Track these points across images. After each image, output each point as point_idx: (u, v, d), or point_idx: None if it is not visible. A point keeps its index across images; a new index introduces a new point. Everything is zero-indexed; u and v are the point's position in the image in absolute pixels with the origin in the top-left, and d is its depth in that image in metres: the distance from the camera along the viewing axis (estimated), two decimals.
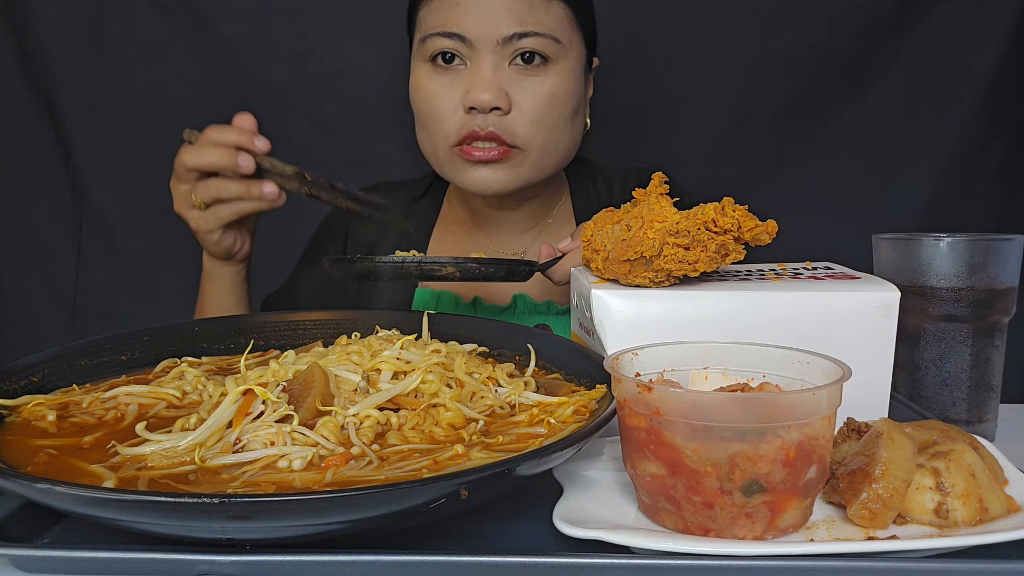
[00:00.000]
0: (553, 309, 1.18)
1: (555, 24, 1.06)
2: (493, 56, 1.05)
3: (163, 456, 0.59)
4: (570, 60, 1.09)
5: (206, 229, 1.00)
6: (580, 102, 1.14)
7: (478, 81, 1.04)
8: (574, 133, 1.14)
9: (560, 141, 1.11)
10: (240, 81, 1.63)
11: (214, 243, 1.02)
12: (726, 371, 0.64)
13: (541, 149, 1.09)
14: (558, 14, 1.07)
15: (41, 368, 0.75)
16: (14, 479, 0.52)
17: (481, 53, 1.05)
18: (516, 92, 1.06)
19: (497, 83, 1.04)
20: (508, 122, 1.06)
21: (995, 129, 1.60)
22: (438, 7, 1.07)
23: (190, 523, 0.49)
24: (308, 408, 0.63)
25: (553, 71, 1.07)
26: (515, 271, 0.94)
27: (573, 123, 1.13)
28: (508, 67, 1.06)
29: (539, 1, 1.05)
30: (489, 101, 1.04)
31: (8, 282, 1.69)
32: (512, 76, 1.06)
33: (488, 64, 1.05)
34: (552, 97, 1.07)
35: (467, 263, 0.91)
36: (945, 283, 0.85)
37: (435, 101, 1.08)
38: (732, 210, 0.72)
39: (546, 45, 1.05)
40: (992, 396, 0.88)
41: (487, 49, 1.04)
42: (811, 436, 0.55)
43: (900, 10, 1.58)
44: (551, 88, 1.07)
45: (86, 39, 1.61)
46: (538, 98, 1.06)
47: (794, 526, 0.57)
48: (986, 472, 0.59)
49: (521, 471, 0.53)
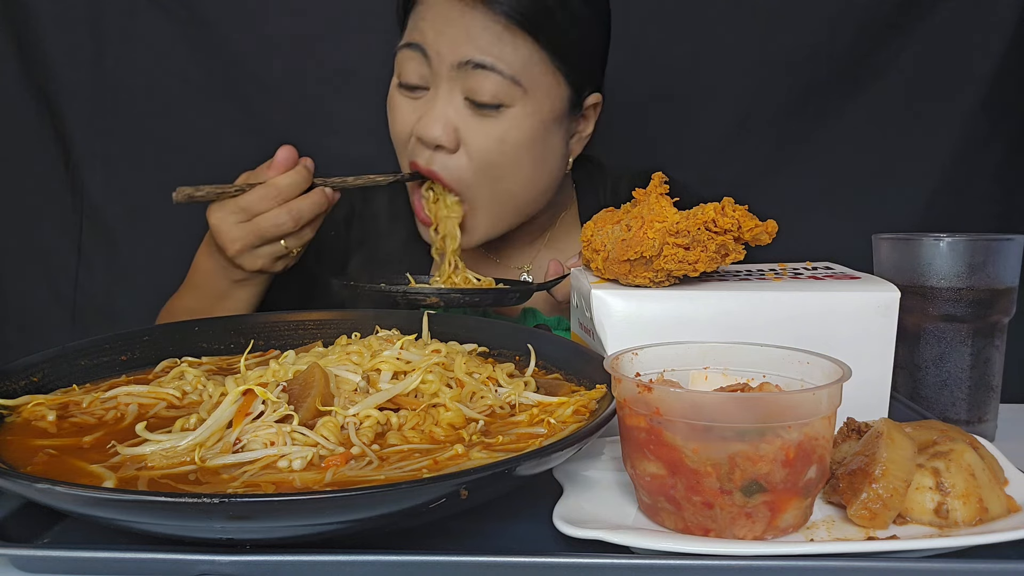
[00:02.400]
0: (563, 324, 1.14)
1: (518, 63, 0.99)
2: (449, 83, 1.00)
3: (163, 456, 0.59)
4: (534, 104, 1.01)
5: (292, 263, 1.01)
6: (548, 147, 1.06)
7: (429, 112, 1.01)
8: (539, 181, 1.08)
9: (513, 191, 1.06)
10: (240, 81, 1.63)
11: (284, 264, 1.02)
12: (726, 371, 0.64)
13: (490, 200, 1.05)
14: (525, 53, 0.99)
15: (41, 368, 0.75)
16: (14, 479, 0.52)
17: (439, 77, 1.01)
18: (466, 131, 1.02)
19: (446, 118, 1.01)
20: (453, 163, 1.03)
21: (995, 129, 1.61)
22: (415, 17, 1.04)
23: (190, 523, 0.49)
24: (308, 408, 0.63)
25: (508, 115, 1.01)
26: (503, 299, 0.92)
27: (535, 170, 1.06)
28: (463, 101, 1.01)
29: (507, 34, 0.98)
30: (436, 137, 1.01)
31: (8, 282, 1.69)
32: (466, 112, 1.01)
33: (443, 92, 1.01)
34: (501, 143, 1.01)
35: (450, 293, 0.90)
36: (945, 283, 0.85)
37: (397, 118, 1.07)
38: (732, 210, 0.72)
39: (499, 85, 0.98)
40: (992, 396, 0.88)
41: (444, 72, 1.00)
42: (811, 436, 0.55)
43: (900, 10, 1.58)
44: (501, 133, 1.01)
45: (86, 39, 1.61)
46: (486, 142, 1.01)
47: (794, 526, 0.57)
48: (986, 472, 0.59)
49: (521, 471, 0.53)
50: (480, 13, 0.97)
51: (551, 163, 1.09)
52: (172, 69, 1.62)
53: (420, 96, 1.04)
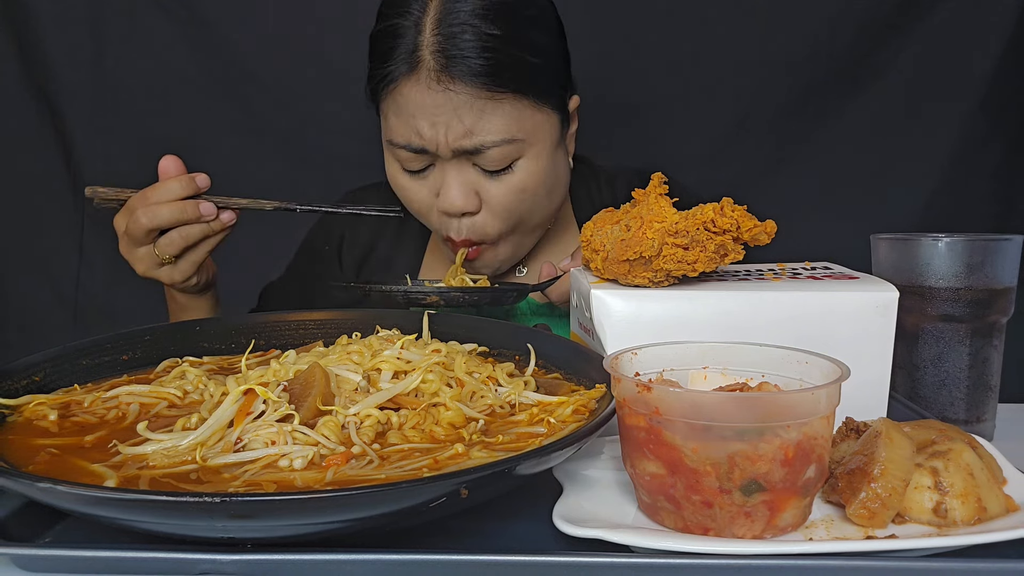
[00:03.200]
0: (557, 311, 1.17)
1: (512, 123, 1.00)
2: (456, 163, 1.02)
3: (164, 455, 0.59)
4: (537, 146, 1.03)
5: (182, 279, 1.01)
6: (558, 170, 1.09)
7: (446, 189, 1.02)
8: (553, 203, 1.11)
9: (534, 220, 1.10)
10: (240, 81, 1.63)
11: (193, 286, 1.03)
12: (725, 371, 0.64)
13: (515, 233, 1.09)
14: (514, 109, 0.99)
15: (43, 367, 0.75)
16: (16, 478, 0.52)
17: (443, 159, 1.02)
18: (485, 190, 1.03)
19: (465, 188, 1.02)
20: (479, 223, 1.05)
21: (994, 129, 1.61)
22: (396, 111, 1.02)
23: (191, 522, 0.50)
24: (309, 407, 0.63)
25: (520, 167, 1.03)
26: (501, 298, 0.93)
27: (550, 197, 1.09)
28: (473, 168, 1.02)
29: (491, 104, 0.98)
30: (460, 208, 1.02)
31: (10, 282, 1.69)
32: (479, 176, 1.03)
33: (453, 170, 1.02)
34: (522, 193, 1.04)
35: (451, 292, 0.92)
36: (943, 283, 0.85)
37: (411, 198, 1.07)
38: (731, 210, 0.72)
39: (504, 152, 1.00)
40: (990, 396, 0.88)
41: (448, 156, 1.01)
42: (810, 436, 0.55)
43: (900, 10, 1.58)
44: (520, 184, 1.03)
45: (86, 39, 1.62)
46: (507, 196, 1.03)
47: (793, 525, 0.57)
48: (984, 471, 0.59)
49: (521, 470, 0.53)
50: (462, 92, 0.97)
51: (562, 180, 1.12)
52: (172, 69, 1.63)
53: (428, 174, 1.05)
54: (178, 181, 0.96)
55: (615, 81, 1.63)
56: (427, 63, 0.97)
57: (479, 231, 1.05)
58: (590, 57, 1.38)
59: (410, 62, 0.98)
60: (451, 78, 0.96)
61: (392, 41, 1.00)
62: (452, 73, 0.96)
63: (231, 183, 1.08)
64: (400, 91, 1.00)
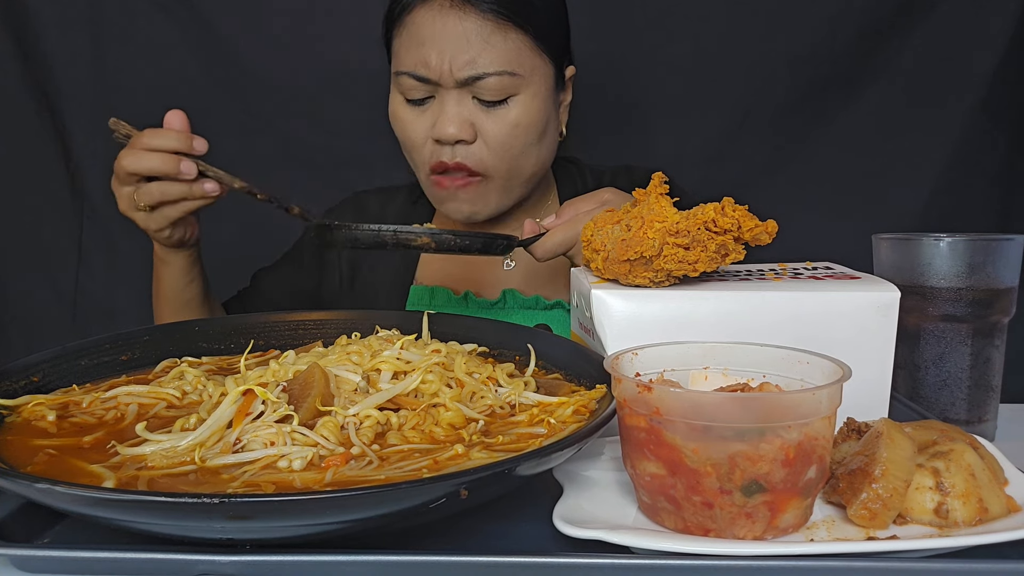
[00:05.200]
0: (541, 303, 1.20)
1: (513, 56, 1.08)
2: (457, 91, 1.09)
3: (163, 456, 0.59)
4: (533, 86, 1.11)
5: (155, 228, 1.03)
6: (549, 121, 1.16)
7: (443, 117, 1.09)
8: (542, 153, 1.17)
9: (525, 166, 1.15)
10: (240, 81, 1.63)
11: (165, 238, 1.05)
12: (726, 371, 0.64)
13: (505, 175, 1.14)
14: (516, 44, 1.08)
15: (41, 368, 0.75)
16: (14, 479, 0.52)
17: (445, 88, 1.09)
18: (481, 123, 1.10)
19: (461, 117, 1.09)
20: (474, 151, 1.11)
21: (995, 129, 1.60)
22: (407, 42, 1.10)
23: (190, 523, 0.49)
24: (308, 408, 0.63)
25: (516, 102, 1.10)
26: (492, 244, 0.96)
27: (541, 144, 1.15)
28: (472, 100, 1.09)
29: (497, 33, 1.07)
30: (453, 135, 1.09)
31: (9, 282, 1.69)
32: (476, 108, 1.10)
33: (452, 100, 1.09)
34: (516, 128, 1.10)
35: (442, 234, 0.93)
36: (945, 283, 0.85)
37: (408, 131, 1.14)
38: (732, 210, 0.72)
39: (503, 83, 1.08)
40: (992, 396, 0.88)
41: (450, 85, 1.08)
42: (811, 436, 0.55)
43: (900, 10, 1.58)
44: (515, 119, 1.10)
45: (86, 39, 1.61)
46: (502, 129, 1.10)
47: (794, 526, 0.57)
48: (986, 472, 0.59)
49: (521, 471, 0.53)
50: (471, 19, 1.06)
51: (551, 136, 1.19)
52: (172, 69, 1.62)
53: (427, 106, 1.12)
54: (176, 135, 0.97)
55: (615, 81, 1.63)
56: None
57: (473, 157, 1.11)
58: (590, 57, 1.38)
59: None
60: (463, 3, 1.06)
61: None
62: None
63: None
64: (414, 19, 1.09)
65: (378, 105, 1.45)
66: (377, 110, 1.46)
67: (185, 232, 1.07)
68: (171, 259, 1.11)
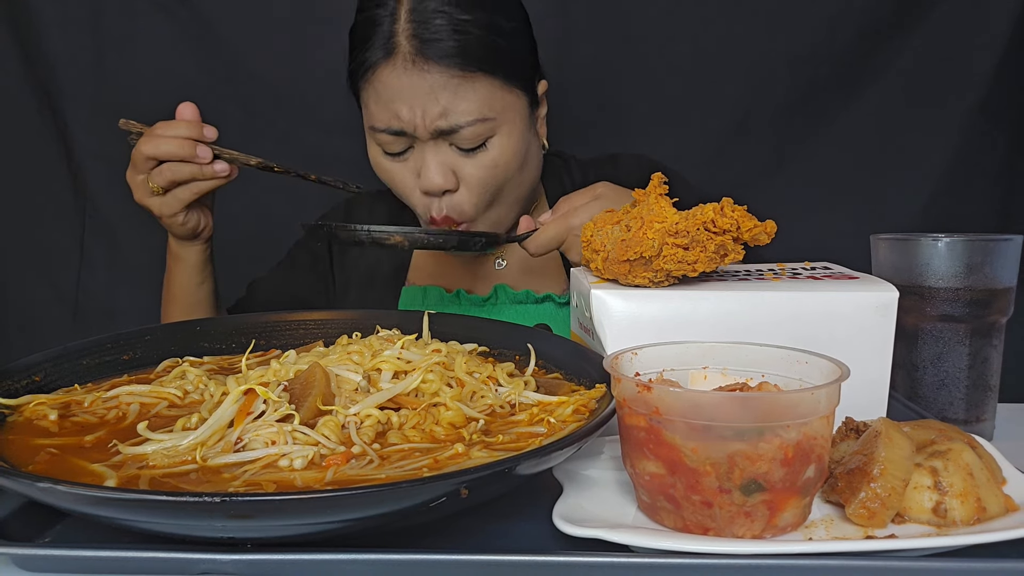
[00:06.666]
0: (531, 297, 1.20)
1: (484, 103, 1.06)
2: (433, 143, 1.08)
3: (164, 455, 0.59)
4: (508, 124, 1.09)
5: (169, 213, 1.05)
6: (530, 148, 1.14)
7: (426, 169, 1.08)
8: (525, 179, 1.16)
9: (510, 195, 1.15)
10: (240, 81, 1.63)
11: (179, 225, 1.07)
12: (725, 371, 0.64)
13: (492, 208, 1.14)
14: (486, 91, 1.06)
15: (43, 367, 0.75)
16: (16, 478, 0.52)
17: (422, 141, 1.07)
18: (461, 168, 1.09)
19: (444, 167, 1.08)
20: (457, 200, 1.10)
21: (995, 129, 1.60)
22: (376, 97, 1.07)
23: (191, 522, 0.50)
24: (309, 407, 0.64)
25: (493, 144, 1.09)
26: (468, 243, 0.97)
27: (523, 172, 1.14)
28: (450, 147, 1.08)
29: (464, 84, 1.04)
30: (439, 186, 1.08)
31: (10, 282, 1.69)
32: (455, 155, 1.09)
33: (431, 150, 1.08)
34: (495, 168, 1.09)
35: (415, 234, 0.95)
36: (943, 283, 0.85)
37: (396, 181, 1.13)
38: (731, 210, 0.72)
39: (478, 130, 1.06)
40: (990, 396, 0.88)
41: (425, 137, 1.07)
42: (810, 435, 0.55)
43: (900, 10, 1.58)
44: (493, 160, 1.09)
45: (87, 39, 1.61)
46: (483, 172, 1.09)
47: (793, 525, 0.57)
48: (984, 471, 0.59)
49: (521, 470, 0.53)
50: (435, 74, 1.03)
51: (534, 159, 1.18)
52: (172, 69, 1.62)
53: (407, 156, 1.11)
54: (187, 123, 1.03)
55: (615, 82, 1.63)
56: (403, 48, 1.03)
57: (457, 208, 1.11)
58: (590, 59, 1.38)
59: (387, 48, 1.04)
60: (425, 59, 1.03)
61: (370, 30, 1.06)
62: (427, 54, 1.03)
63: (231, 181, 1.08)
64: (379, 77, 1.06)
65: None
66: None
67: (199, 221, 1.08)
68: (185, 254, 1.12)
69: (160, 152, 1.01)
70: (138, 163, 1.03)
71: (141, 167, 1.03)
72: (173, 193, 1.03)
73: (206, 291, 1.16)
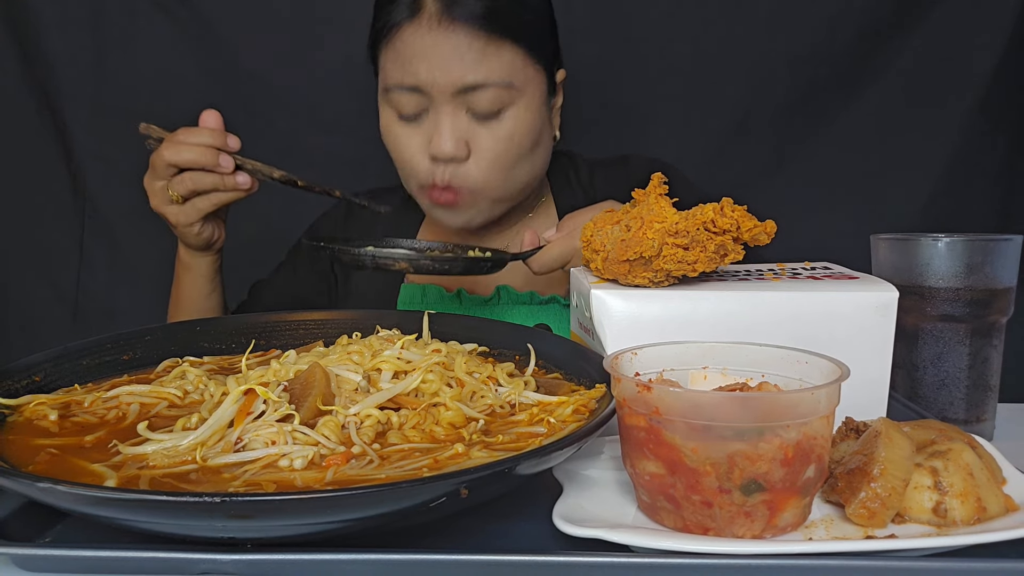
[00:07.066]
0: (536, 299, 1.20)
1: (507, 69, 1.06)
2: (450, 105, 1.06)
3: (164, 455, 0.59)
4: (527, 97, 1.09)
5: (186, 222, 1.04)
6: (543, 130, 1.14)
7: (438, 134, 1.07)
8: (536, 162, 1.15)
9: (519, 176, 1.13)
10: (240, 81, 1.63)
11: (194, 235, 1.06)
12: (725, 371, 0.64)
13: (498, 186, 1.12)
14: (510, 57, 1.06)
15: (43, 367, 0.75)
16: (16, 478, 0.52)
17: (439, 103, 1.06)
18: (475, 139, 1.08)
19: (456, 135, 1.06)
20: (464, 170, 1.09)
21: (995, 129, 1.60)
22: (395, 56, 1.07)
23: (191, 522, 0.50)
24: (309, 407, 0.64)
25: (510, 115, 1.08)
26: (475, 267, 0.96)
27: (534, 154, 1.14)
28: (466, 114, 1.07)
29: (490, 47, 1.04)
30: (449, 153, 1.07)
31: (10, 282, 1.69)
32: (470, 123, 1.07)
33: (446, 115, 1.06)
34: (510, 141, 1.08)
35: (420, 260, 0.94)
36: (943, 283, 0.85)
37: (402, 148, 1.11)
38: (731, 210, 0.72)
39: (499, 94, 1.06)
40: (990, 396, 0.88)
41: (444, 99, 1.05)
42: (810, 435, 0.55)
43: (900, 10, 1.58)
44: (509, 132, 1.08)
45: (87, 39, 1.61)
46: (497, 143, 1.08)
47: (793, 525, 0.57)
48: (984, 471, 0.59)
49: (521, 470, 0.53)
50: (462, 34, 1.03)
51: (545, 143, 1.17)
52: (172, 69, 1.62)
53: (421, 121, 1.09)
54: (210, 131, 1.01)
55: (615, 82, 1.63)
56: (429, 8, 1.04)
57: (463, 177, 1.09)
58: (591, 58, 1.38)
59: (412, 8, 1.05)
60: (452, 20, 1.03)
61: None
62: (453, 15, 1.03)
63: None
64: (401, 37, 1.06)
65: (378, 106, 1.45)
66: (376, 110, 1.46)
67: (213, 232, 1.08)
68: (195, 264, 1.11)
69: (182, 159, 0.99)
70: (158, 169, 1.01)
71: (161, 173, 1.01)
72: (192, 203, 1.02)
73: (215, 301, 1.16)
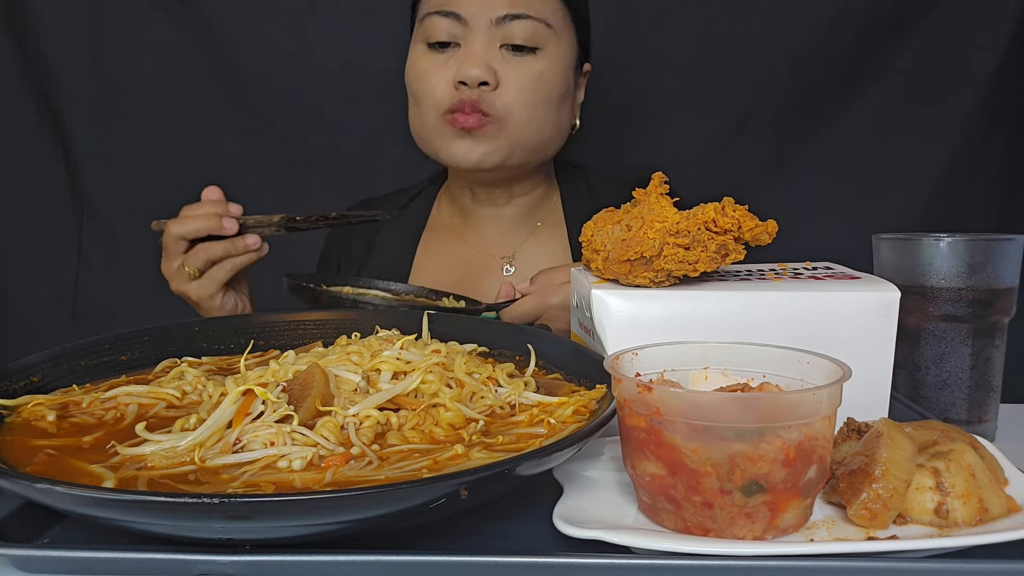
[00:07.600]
0: None
1: (547, 9, 1.10)
2: (485, 36, 1.09)
3: (163, 456, 0.59)
4: (560, 49, 1.12)
5: (206, 295, 1.05)
6: (568, 93, 1.16)
7: (468, 58, 1.09)
8: (560, 121, 1.17)
9: (544, 121, 1.14)
10: (240, 81, 1.63)
11: (217, 308, 1.07)
12: (726, 371, 0.64)
13: (522, 122, 1.12)
14: (552, 3, 1.11)
15: (41, 368, 0.75)
16: (14, 479, 0.52)
17: (474, 32, 1.09)
18: (504, 70, 1.10)
19: (487, 60, 1.09)
20: (491, 96, 1.10)
21: (995, 129, 1.60)
22: None
23: (190, 523, 0.49)
24: (308, 408, 0.63)
25: (542, 56, 1.11)
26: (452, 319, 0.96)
27: (559, 110, 1.15)
28: (499, 49, 1.10)
29: None
30: (478, 76, 1.08)
31: (9, 282, 1.69)
32: (502, 57, 1.10)
33: (479, 43, 1.09)
34: (539, 78, 1.11)
35: (399, 308, 0.96)
36: (945, 283, 0.85)
37: (428, 77, 1.12)
38: (732, 210, 0.72)
39: (537, 30, 1.09)
40: (992, 396, 0.88)
41: (480, 28, 1.08)
42: (811, 436, 0.55)
43: (900, 10, 1.58)
44: (539, 70, 1.11)
45: (87, 39, 1.61)
46: (525, 78, 1.10)
47: (794, 526, 0.57)
48: (986, 472, 0.59)
49: (521, 471, 0.53)
50: None
51: (568, 110, 1.19)
52: (172, 69, 1.63)
53: (451, 53, 1.11)
54: (212, 203, 1.04)
55: (616, 81, 1.63)
56: None
57: (488, 103, 1.10)
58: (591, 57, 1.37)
59: None
60: None
61: None
62: None
63: (232, 182, 1.08)
64: None
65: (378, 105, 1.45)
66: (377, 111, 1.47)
67: (236, 304, 1.09)
68: None
69: (188, 230, 1.02)
70: (170, 248, 1.04)
71: (173, 251, 1.04)
72: (208, 274, 1.04)
73: None
